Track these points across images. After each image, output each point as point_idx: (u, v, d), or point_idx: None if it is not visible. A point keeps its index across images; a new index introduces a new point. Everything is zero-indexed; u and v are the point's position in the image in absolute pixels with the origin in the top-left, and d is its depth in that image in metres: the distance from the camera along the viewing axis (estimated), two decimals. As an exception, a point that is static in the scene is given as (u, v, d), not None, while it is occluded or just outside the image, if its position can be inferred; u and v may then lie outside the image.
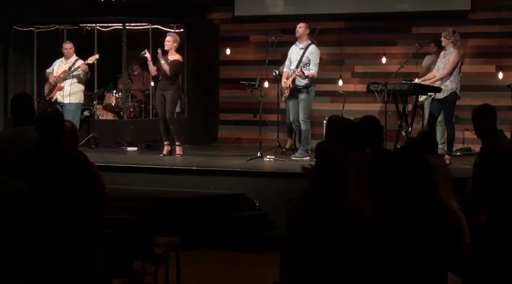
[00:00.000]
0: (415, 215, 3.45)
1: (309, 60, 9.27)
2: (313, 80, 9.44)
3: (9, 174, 3.55)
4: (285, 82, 9.45)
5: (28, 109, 5.20)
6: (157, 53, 9.73)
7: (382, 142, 5.68)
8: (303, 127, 9.34)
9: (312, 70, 9.31)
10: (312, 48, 9.45)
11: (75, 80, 10.24)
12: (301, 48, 9.48)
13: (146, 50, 9.91)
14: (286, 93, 9.51)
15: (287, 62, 9.65)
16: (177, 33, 10.79)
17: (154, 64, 9.76)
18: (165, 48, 9.70)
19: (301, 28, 9.51)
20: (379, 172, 3.75)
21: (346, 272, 3.69)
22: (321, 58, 9.59)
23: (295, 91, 9.39)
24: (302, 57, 9.38)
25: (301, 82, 9.34)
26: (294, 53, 9.56)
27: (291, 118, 9.54)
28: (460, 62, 8.89)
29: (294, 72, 9.33)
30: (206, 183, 8.37)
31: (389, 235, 3.47)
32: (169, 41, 9.71)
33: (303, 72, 9.21)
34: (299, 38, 9.53)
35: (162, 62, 9.57)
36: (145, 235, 5.29)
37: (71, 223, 4.20)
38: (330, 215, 3.69)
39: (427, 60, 10.24)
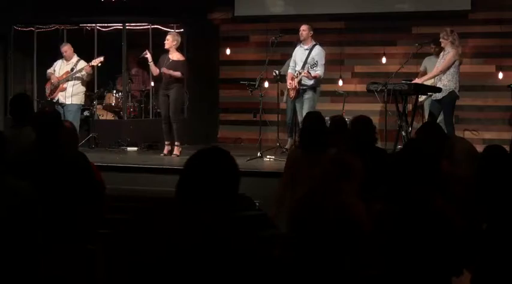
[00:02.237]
0: (416, 217, 3.45)
1: (316, 61, 9.28)
2: (319, 81, 9.45)
3: (9, 174, 3.55)
4: (290, 84, 9.46)
5: (26, 109, 5.20)
6: (156, 53, 9.75)
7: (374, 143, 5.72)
8: None
9: (319, 71, 9.32)
10: (318, 49, 9.47)
11: (77, 81, 10.23)
12: (306, 49, 9.49)
13: (147, 51, 9.89)
14: (292, 94, 9.51)
15: (291, 63, 9.66)
16: (177, 33, 10.78)
17: (155, 64, 9.75)
18: (165, 47, 9.72)
19: (305, 31, 9.50)
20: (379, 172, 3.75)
21: (345, 273, 3.69)
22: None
23: (301, 91, 9.40)
24: (307, 58, 9.39)
25: (308, 83, 9.35)
26: (299, 54, 9.56)
27: (300, 118, 9.50)
28: (458, 61, 8.89)
29: (299, 73, 9.34)
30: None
31: (390, 237, 3.47)
32: (169, 40, 9.72)
33: (310, 73, 9.22)
34: (304, 40, 9.54)
35: (169, 72, 9.51)
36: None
37: (71, 223, 4.20)
38: (327, 216, 3.69)
39: (425, 63, 10.24)
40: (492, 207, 3.67)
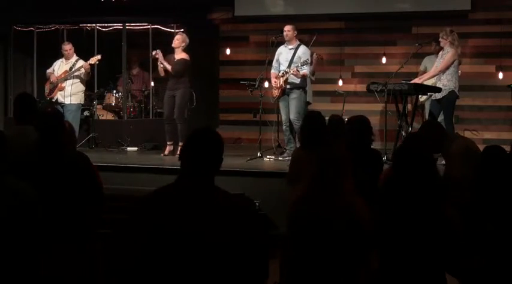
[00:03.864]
0: (414, 216, 3.45)
1: (306, 60, 9.25)
2: (305, 80, 9.40)
3: (11, 173, 3.56)
4: (275, 82, 9.41)
5: (30, 109, 5.19)
6: (163, 53, 9.74)
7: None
8: (295, 126, 9.19)
9: (305, 69, 9.28)
10: (304, 48, 9.41)
11: (76, 80, 10.23)
12: (291, 49, 9.43)
13: (158, 51, 9.84)
14: (276, 93, 9.43)
15: (274, 64, 9.59)
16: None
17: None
18: (173, 45, 9.72)
19: (289, 31, 9.44)
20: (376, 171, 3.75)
21: (345, 273, 3.69)
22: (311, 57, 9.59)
23: (286, 91, 9.34)
24: (293, 57, 9.34)
25: (295, 81, 9.29)
26: (284, 53, 9.50)
27: (283, 117, 9.46)
28: (458, 61, 8.89)
29: (286, 72, 9.28)
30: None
31: (387, 236, 3.47)
32: (179, 39, 9.74)
33: (298, 71, 9.16)
34: (288, 40, 9.49)
35: (165, 63, 9.57)
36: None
37: (71, 223, 4.20)
38: (328, 215, 3.69)
39: (425, 63, 10.25)
40: (492, 207, 3.67)
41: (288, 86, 9.30)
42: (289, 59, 9.35)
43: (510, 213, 3.63)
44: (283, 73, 9.30)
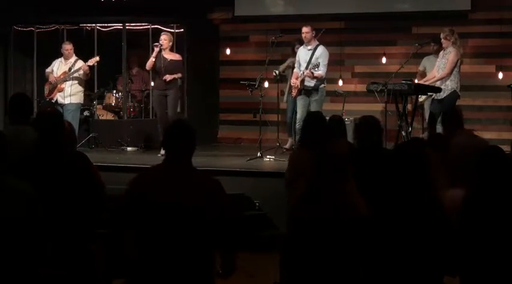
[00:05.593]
0: (410, 216, 3.46)
1: (319, 62, 9.29)
2: (322, 81, 9.44)
3: (10, 174, 3.56)
4: (294, 82, 9.47)
5: (23, 109, 5.18)
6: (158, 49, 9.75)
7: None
8: None
9: (321, 71, 9.32)
10: (321, 49, 9.48)
11: (75, 81, 10.23)
12: (310, 49, 9.50)
13: (160, 45, 9.82)
14: (294, 92, 9.51)
15: (296, 64, 9.69)
16: (177, 33, 10.78)
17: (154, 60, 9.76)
18: (162, 48, 9.72)
19: (308, 33, 9.49)
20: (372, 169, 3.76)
21: (345, 273, 3.69)
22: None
23: (304, 91, 9.39)
24: (311, 58, 9.40)
25: (311, 83, 9.35)
26: (303, 54, 9.58)
27: (298, 116, 9.47)
28: (459, 61, 8.89)
29: (303, 72, 9.35)
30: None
31: (385, 235, 3.48)
32: (166, 40, 9.74)
33: (312, 73, 9.22)
34: (307, 42, 9.53)
35: (168, 77, 9.55)
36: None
37: (71, 223, 4.20)
38: (328, 215, 3.69)
39: (424, 63, 10.24)
40: (490, 208, 3.67)
41: (306, 87, 9.36)
42: (307, 59, 9.42)
43: (507, 214, 3.63)
44: (301, 73, 9.38)
